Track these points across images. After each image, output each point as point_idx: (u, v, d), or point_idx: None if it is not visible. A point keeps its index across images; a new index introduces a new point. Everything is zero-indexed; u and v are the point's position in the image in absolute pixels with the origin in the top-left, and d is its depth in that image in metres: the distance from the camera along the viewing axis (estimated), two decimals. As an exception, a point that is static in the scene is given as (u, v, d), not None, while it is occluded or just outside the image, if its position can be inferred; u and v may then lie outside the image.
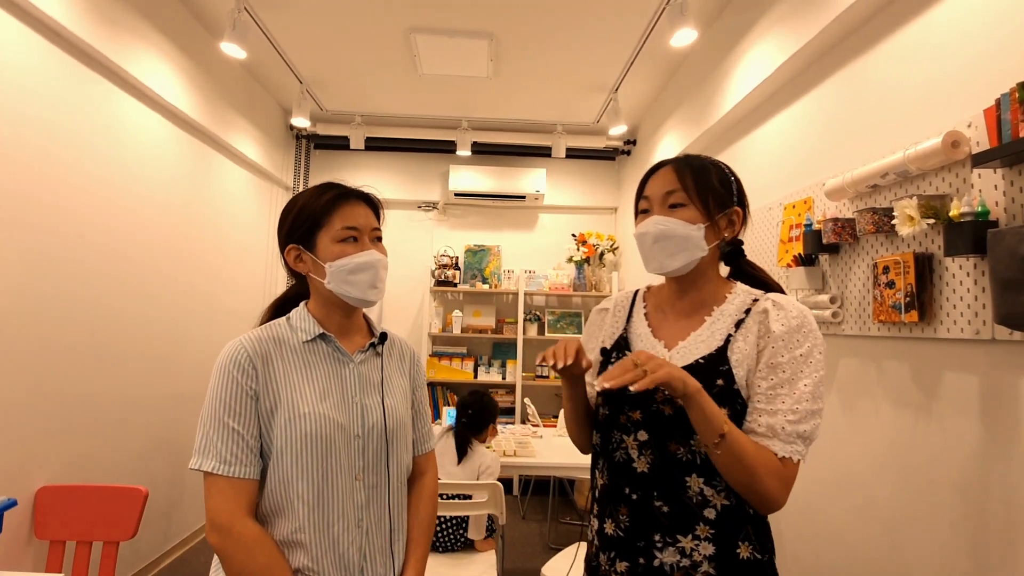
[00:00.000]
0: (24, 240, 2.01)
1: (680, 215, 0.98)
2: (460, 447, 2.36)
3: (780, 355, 0.91)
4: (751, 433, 0.91)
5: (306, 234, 1.06)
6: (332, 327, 1.08)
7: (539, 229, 4.80)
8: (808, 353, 0.91)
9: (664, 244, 0.98)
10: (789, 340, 0.91)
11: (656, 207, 1.01)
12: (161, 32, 2.71)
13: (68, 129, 2.21)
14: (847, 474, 1.83)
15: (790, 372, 0.90)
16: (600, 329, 1.14)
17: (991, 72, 1.37)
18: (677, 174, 1.00)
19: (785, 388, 0.90)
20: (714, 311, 1.00)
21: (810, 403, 0.89)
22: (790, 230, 2.16)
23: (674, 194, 0.99)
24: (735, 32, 2.62)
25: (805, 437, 0.89)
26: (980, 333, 1.35)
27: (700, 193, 0.99)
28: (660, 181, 1.02)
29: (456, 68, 3.45)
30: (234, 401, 0.96)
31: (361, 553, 1.01)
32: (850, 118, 1.90)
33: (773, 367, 0.91)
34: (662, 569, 0.93)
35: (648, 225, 1.00)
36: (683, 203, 0.99)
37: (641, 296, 1.13)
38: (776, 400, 0.90)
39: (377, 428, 1.05)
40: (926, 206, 1.42)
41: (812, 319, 0.94)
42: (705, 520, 0.92)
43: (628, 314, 1.11)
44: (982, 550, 1.35)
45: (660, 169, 1.04)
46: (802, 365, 0.90)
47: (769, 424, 0.89)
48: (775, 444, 0.88)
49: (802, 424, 0.88)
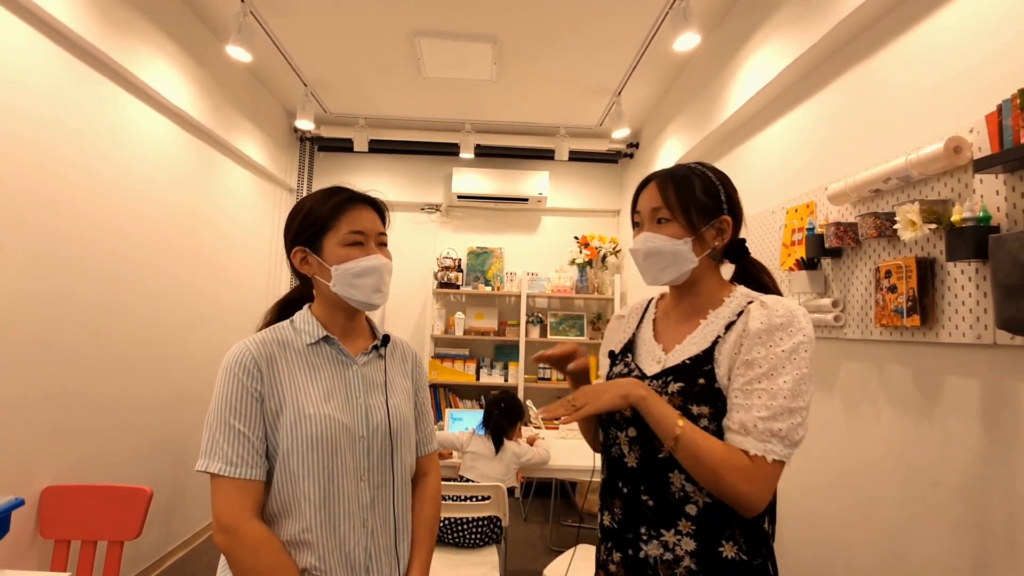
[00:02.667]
0: (29, 241, 2.02)
1: (666, 231, 1.02)
2: (496, 438, 2.44)
3: (756, 351, 0.90)
4: (726, 430, 0.90)
5: (313, 237, 1.07)
6: (335, 330, 1.10)
7: (542, 231, 4.81)
8: (792, 350, 0.88)
9: (654, 260, 1.03)
10: (769, 337, 0.90)
11: (646, 223, 1.06)
12: (167, 35, 2.73)
13: (73, 131, 2.23)
14: (849, 477, 1.84)
15: (767, 367, 0.88)
16: (616, 334, 1.20)
17: (993, 78, 1.38)
18: (660, 190, 1.03)
19: (763, 383, 0.88)
20: (709, 314, 1.03)
21: (788, 400, 0.86)
22: (792, 234, 2.17)
23: (659, 210, 1.03)
24: (738, 36, 2.62)
25: (781, 436, 0.85)
26: (982, 338, 1.35)
27: (683, 208, 1.01)
28: (647, 197, 1.06)
29: (459, 71, 3.47)
30: (239, 403, 0.97)
31: (367, 553, 1.02)
32: (852, 123, 1.91)
33: (748, 363, 0.91)
34: (647, 561, 0.96)
35: (638, 242, 1.05)
36: (668, 219, 1.02)
37: (655, 303, 1.18)
38: (752, 395, 0.88)
39: (381, 429, 1.07)
40: (928, 211, 1.43)
41: (803, 319, 0.91)
42: (687, 516, 0.94)
43: (640, 320, 1.16)
44: (983, 554, 1.35)
45: (648, 185, 1.07)
46: (784, 362, 0.88)
47: (741, 421, 0.88)
48: (747, 442, 0.86)
49: (777, 422, 0.85)
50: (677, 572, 0.93)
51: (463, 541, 2.27)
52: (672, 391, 0.96)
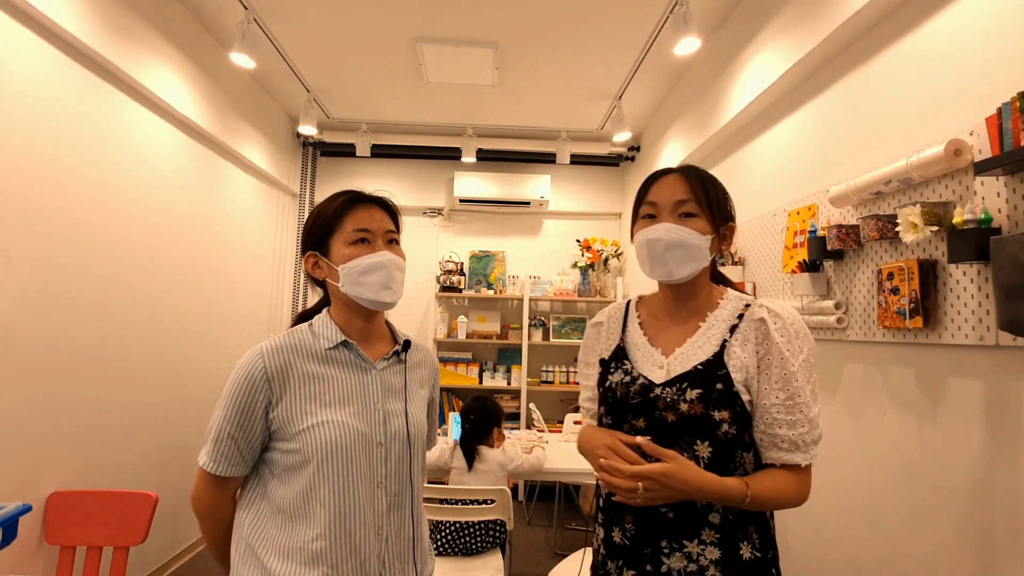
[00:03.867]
0: (35, 247, 2.04)
1: (692, 224, 1.00)
2: (467, 455, 2.37)
3: (790, 364, 0.94)
4: (771, 447, 0.95)
5: (321, 240, 1.08)
6: (354, 334, 1.09)
7: (544, 235, 4.82)
8: (807, 358, 0.96)
9: (676, 252, 1.00)
10: (792, 347, 0.95)
11: (665, 214, 1.02)
12: (171, 42, 2.75)
13: (78, 138, 2.24)
14: (851, 479, 1.84)
15: (801, 381, 0.94)
16: (597, 342, 1.16)
17: (992, 81, 1.38)
18: (689, 183, 1.02)
19: (800, 398, 0.94)
20: (708, 317, 1.03)
21: (815, 407, 0.94)
22: (794, 236, 2.17)
23: (687, 203, 1.01)
24: (738, 40, 2.64)
25: (816, 441, 0.95)
26: (984, 339, 1.36)
27: (709, 204, 1.01)
28: (670, 188, 1.03)
29: (461, 76, 3.49)
30: (238, 415, 1.00)
31: (380, 560, 1.02)
32: (853, 126, 1.92)
33: (786, 378, 0.94)
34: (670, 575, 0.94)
35: (660, 231, 1.00)
36: (695, 213, 1.01)
37: (634, 306, 1.15)
38: (793, 411, 0.93)
39: (399, 436, 1.06)
40: (929, 213, 1.44)
41: (803, 321, 0.99)
42: (710, 525, 0.94)
43: (623, 324, 1.13)
44: (987, 555, 1.35)
45: (666, 176, 1.05)
46: (805, 372, 0.95)
47: (791, 440, 0.93)
48: (796, 456, 0.93)
49: (816, 430, 0.94)
50: None
51: (466, 547, 2.26)
52: (691, 398, 0.95)
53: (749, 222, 2.56)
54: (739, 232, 2.64)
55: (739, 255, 2.65)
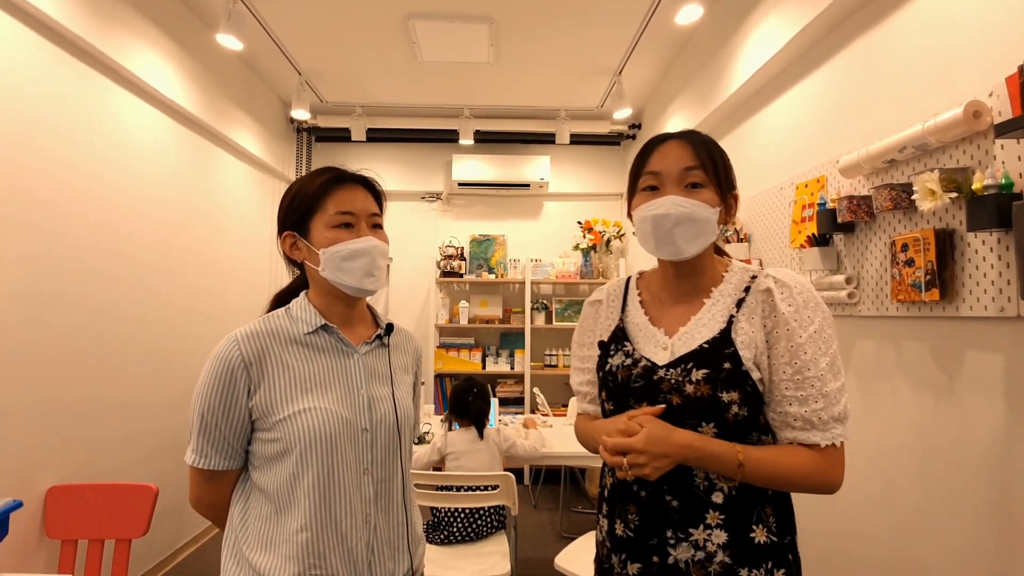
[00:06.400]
0: (23, 241, 1.99)
1: (700, 196, 0.92)
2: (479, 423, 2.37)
3: (798, 336, 0.87)
4: (784, 426, 0.89)
5: (300, 220, 1.02)
6: (334, 318, 1.04)
7: (544, 217, 4.75)
8: (820, 329, 0.88)
9: (686, 228, 0.91)
10: (801, 318, 0.88)
11: (671, 185, 0.93)
12: (155, 25, 2.67)
13: (64, 126, 2.18)
14: (866, 459, 1.79)
15: (811, 354, 0.87)
16: (595, 322, 1.09)
17: (1012, 40, 1.31)
18: (694, 149, 0.94)
19: (811, 371, 0.86)
20: (712, 292, 0.96)
21: (834, 381, 0.86)
22: (803, 210, 2.11)
23: (693, 172, 0.93)
24: (742, 6, 2.54)
25: (841, 418, 0.87)
26: (1005, 310, 1.30)
27: (716, 172, 0.94)
28: (675, 155, 0.94)
29: (456, 54, 3.39)
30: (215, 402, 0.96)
31: (369, 548, 0.99)
32: (864, 92, 1.84)
33: (794, 350, 0.88)
34: (677, 567, 0.89)
35: (667, 205, 0.91)
36: (702, 183, 0.93)
37: (634, 283, 1.08)
38: (803, 386, 0.87)
39: (387, 421, 1.03)
40: (948, 179, 1.37)
41: (814, 290, 0.92)
42: (713, 505, 0.89)
43: (623, 303, 1.06)
44: (1007, 536, 1.31)
45: (668, 141, 0.97)
46: (818, 343, 0.87)
47: (805, 417, 0.87)
48: (814, 435, 0.86)
49: (834, 407, 0.86)
50: (711, 570, 0.87)
51: (472, 534, 2.24)
52: (697, 379, 0.89)
53: (755, 197, 2.49)
54: (745, 208, 2.57)
55: (745, 231, 2.58)
